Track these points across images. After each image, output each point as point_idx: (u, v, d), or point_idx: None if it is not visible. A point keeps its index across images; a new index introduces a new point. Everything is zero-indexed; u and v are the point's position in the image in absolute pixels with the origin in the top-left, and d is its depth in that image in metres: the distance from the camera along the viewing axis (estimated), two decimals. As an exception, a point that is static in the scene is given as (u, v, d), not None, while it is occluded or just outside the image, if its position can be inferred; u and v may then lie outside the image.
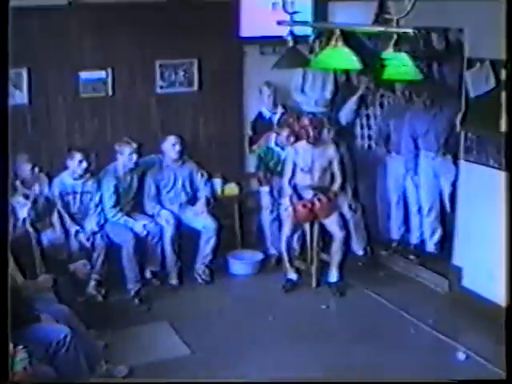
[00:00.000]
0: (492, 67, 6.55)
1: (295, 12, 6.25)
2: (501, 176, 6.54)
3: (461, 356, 6.35)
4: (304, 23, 7.40)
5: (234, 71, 8.57)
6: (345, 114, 8.48)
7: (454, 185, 7.62)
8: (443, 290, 7.58)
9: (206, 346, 6.52)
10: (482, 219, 6.88)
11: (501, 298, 6.65)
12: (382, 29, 5.42)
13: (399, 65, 5.11)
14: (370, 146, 8.60)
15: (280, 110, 8.52)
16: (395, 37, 5.08)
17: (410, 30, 5.01)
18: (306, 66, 6.90)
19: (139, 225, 7.64)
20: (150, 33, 7.90)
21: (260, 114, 8.60)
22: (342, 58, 5.31)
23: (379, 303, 7.46)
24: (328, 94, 8.65)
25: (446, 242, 7.88)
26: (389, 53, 5.12)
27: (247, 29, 8.45)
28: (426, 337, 6.77)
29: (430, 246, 8.19)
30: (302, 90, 8.67)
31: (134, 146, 7.57)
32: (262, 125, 8.53)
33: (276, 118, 8.46)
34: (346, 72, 8.47)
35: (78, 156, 7.31)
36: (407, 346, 6.61)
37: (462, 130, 7.01)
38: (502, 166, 6.56)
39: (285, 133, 8.02)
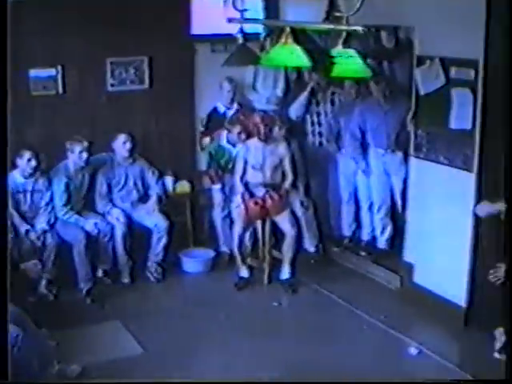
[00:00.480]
0: (441, 65, 6.61)
1: (245, 9, 6.25)
2: (450, 172, 6.64)
3: (413, 351, 6.41)
4: (254, 20, 7.41)
5: (185, 69, 8.53)
6: (295, 110, 8.48)
7: (404, 181, 7.68)
8: (395, 286, 7.64)
9: (159, 344, 6.49)
10: (432, 215, 6.94)
11: (452, 294, 6.77)
12: (331, 26, 5.46)
13: (348, 62, 5.14)
14: (321, 143, 8.62)
15: (235, 106, 8.52)
16: (344, 34, 5.11)
17: (359, 28, 5.05)
18: (256, 63, 6.90)
19: (90, 223, 7.58)
20: (100, 30, 7.82)
21: (215, 109, 8.57)
22: (292, 55, 5.32)
23: (331, 300, 7.50)
24: (279, 92, 8.68)
25: (398, 238, 7.96)
26: (338, 50, 5.15)
27: (198, 26, 8.44)
28: (378, 333, 6.82)
29: (381, 243, 8.25)
30: (254, 88, 8.69)
31: (85, 144, 7.50)
32: (215, 120, 8.50)
33: (230, 113, 8.45)
34: (298, 69, 8.50)
35: (26, 154, 7.23)
36: (360, 342, 6.66)
37: (412, 127, 7.07)
38: (451, 163, 6.64)
39: (236, 130, 8.02)
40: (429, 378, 6.01)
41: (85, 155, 7.52)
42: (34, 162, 7.25)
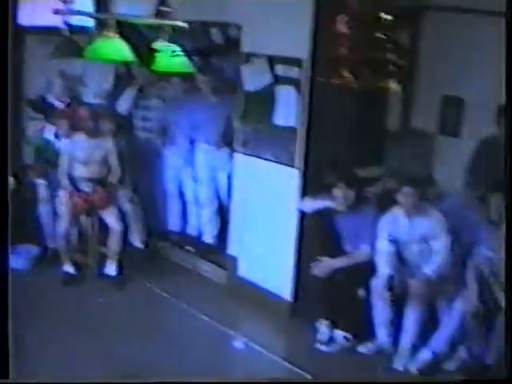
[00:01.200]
0: (268, 63, 6.72)
1: (71, 1, 6.14)
2: (275, 168, 6.76)
3: (238, 344, 6.49)
4: (80, 13, 7.26)
5: (13, 60, 8.24)
6: (123, 104, 8.39)
7: (230, 177, 7.75)
8: (221, 281, 7.71)
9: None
10: (257, 210, 7.05)
11: (277, 287, 6.91)
12: (156, 21, 5.45)
13: (171, 57, 5.15)
14: (148, 139, 8.58)
15: (64, 99, 8.32)
16: (169, 29, 5.12)
17: (183, 24, 5.07)
18: (80, 56, 6.77)
19: None
20: None
21: (43, 102, 8.34)
22: (114, 48, 5.27)
23: (159, 296, 7.46)
24: (107, 86, 8.57)
25: (224, 232, 8.04)
26: (161, 45, 5.15)
27: (26, 17, 8.18)
28: (205, 327, 6.84)
29: (208, 237, 8.31)
30: (83, 81, 8.54)
31: None
32: (43, 112, 8.28)
33: (58, 106, 8.25)
34: (126, 64, 8.41)
35: None
36: (187, 337, 6.67)
37: (239, 124, 7.15)
38: (277, 159, 6.77)
39: (63, 124, 7.85)
40: (253, 371, 6.11)
41: None
42: None
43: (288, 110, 6.61)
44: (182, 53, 5.19)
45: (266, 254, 6.94)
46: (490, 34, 6.78)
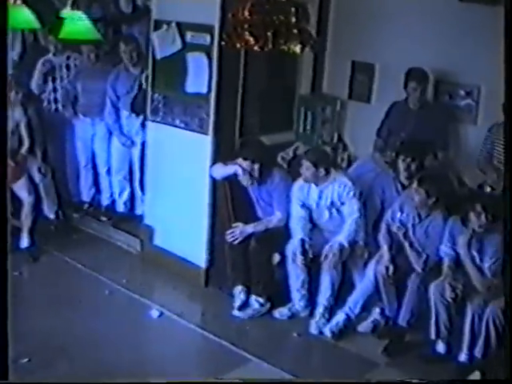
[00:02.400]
0: (178, 29, 6.65)
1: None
2: (187, 135, 6.72)
3: (154, 313, 6.46)
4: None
5: None
6: (36, 84, 8.22)
7: (143, 144, 7.68)
8: (136, 250, 7.64)
9: None
10: (170, 179, 7.01)
11: (192, 255, 6.91)
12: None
13: (76, 24, 5.07)
14: (57, 109, 8.40)
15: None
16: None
17: None
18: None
19: None
20: None
21: None
22: (19, 17, 5.17)
23: (73, 267, 7.36)
24: (15, 55, 8.36)
25: (138, 201, 8.00)
26: (66, 12, 5.06)
27: None
28: (120, 297, 6.79)
29: (120, 206, 8.23)
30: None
31: None
32: None
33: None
34: (33, 32, 8.23)
35: None
36: (103, 307, 6.61)
37: (150, 91, 7.07)
38: (188, 126, 6.73)
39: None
40: (169, 339, 6.12)
41: None
42: None
43: (199, 77, 6.56)
44: (87, 20, 5.09)
45: (181, 222, 6.92)
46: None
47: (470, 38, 6.53)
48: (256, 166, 6.35)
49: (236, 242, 6.42)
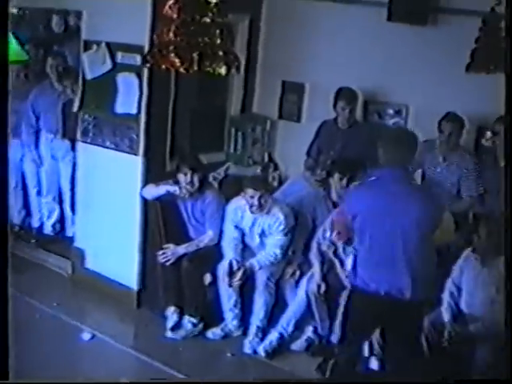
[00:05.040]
0: (108, 49, 6.62)
1: None
2: (117, 156, 6.68)
3: (85, 336, 6.38)
4: None
5: None
6: None
7: (74, 166, 7.59)
8: (67, 273, 7.53)
9: None
10: (101, 200, 6.94)
11: (123, 277, 6.85)
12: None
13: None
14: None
15: None
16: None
17: (13, 10, 4.92)
18: None
19: None
20: None
21: None
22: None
23: (3, 291, 7.25)
24: None
25: (68, 223, 7.92)
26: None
27: None
28: (51, 320, 6.69)
29: (48, 229, 8.13)
30: None
31: None
32: None
33: None
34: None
35: None
36: (34, 331, 6.49)
37: (80, 112, 7.00)
38: (118, 147, 6.69)
39: None
40: (102, 362, 6.05)
41: None
42: None
43: (129, 98, 6.53)
44: (14, 40, 5.03)
45: (112, 244, 6.86)
46: (328, 17, 6.99)
47: (399, 58, 6.66)
48: (196, 178, 6.35)
49: (168, 262, 6.40)
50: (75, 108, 7.06)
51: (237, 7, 6.59)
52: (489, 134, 6.31)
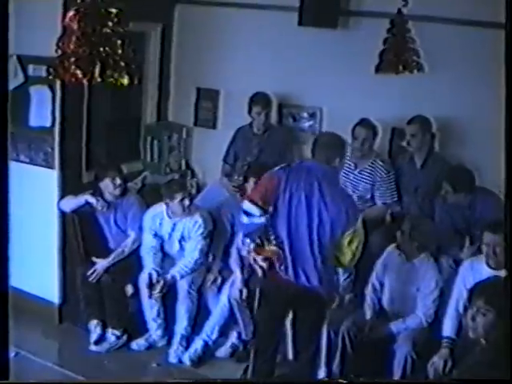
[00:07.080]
0: (19, 62, 6.53)
1: None
2: (32, 171, 6.60)
3: (10, 354, 6.27)
4: None
5: None
6: None
7: None
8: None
9: None
10: (18, 215, 6.78)
11: (44, 292, 6.75)
12: None
13: None
14: None
15: None
16: None
17: None
18: None
19: None
20: None
21: None
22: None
23: None
24: None
25: None
26: None
27: None
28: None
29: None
30: None
31: None
32: None
33: None
34: None
35: None
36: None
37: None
38: (32, 161, 6.60)
39: None
40: (29, 378, 5.96)
41: None
42: None
43: (42, 110, 6.46)
44: None
45: (31, 259, 6.73)
46: (241, 24, 7.01)
47: (312, 61, 6.72)
48: (118, 181, 6.33)
49: (95, 279, 6.35)
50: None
51: (149, 15, 6.68)
52: (406, 134, 6.34)
